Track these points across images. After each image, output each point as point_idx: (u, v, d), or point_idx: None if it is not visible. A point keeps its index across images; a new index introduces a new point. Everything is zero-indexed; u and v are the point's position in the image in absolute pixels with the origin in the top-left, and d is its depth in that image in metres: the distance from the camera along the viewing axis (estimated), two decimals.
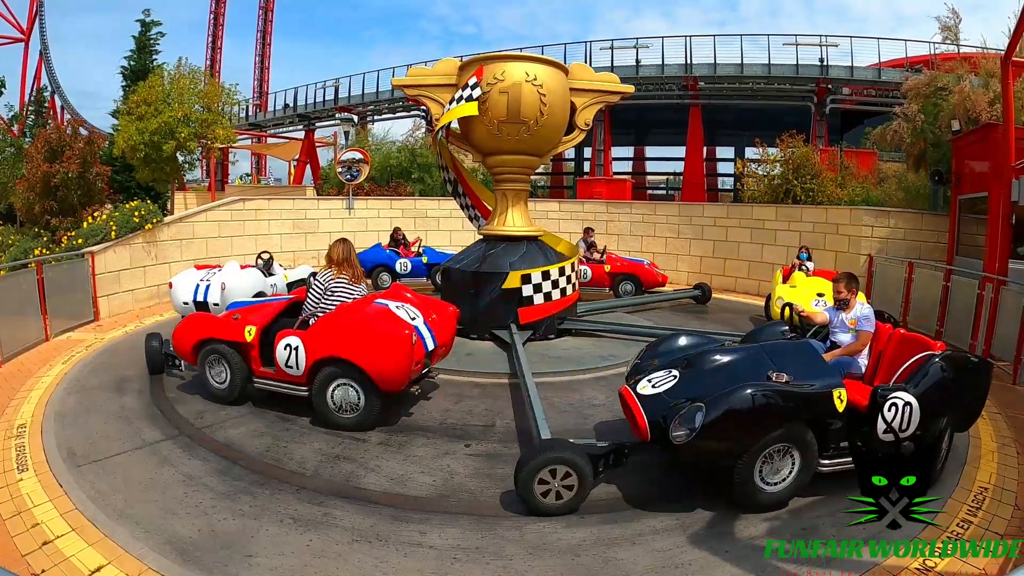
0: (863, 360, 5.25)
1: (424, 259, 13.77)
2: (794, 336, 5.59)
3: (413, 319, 6.09)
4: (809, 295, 9.25)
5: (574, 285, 9.46)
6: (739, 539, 4.05)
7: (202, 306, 9.19)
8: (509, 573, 3.67)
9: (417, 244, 14.20)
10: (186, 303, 9.28)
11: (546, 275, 8.90)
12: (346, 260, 6.10)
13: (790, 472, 4.34)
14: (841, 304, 5.40)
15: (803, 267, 11.00)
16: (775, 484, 4.35)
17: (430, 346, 6.11)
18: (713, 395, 4.21)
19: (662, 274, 13.57)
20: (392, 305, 6.16)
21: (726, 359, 4.76)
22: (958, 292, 9.23)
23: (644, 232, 16.55)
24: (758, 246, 14.68)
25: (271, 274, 10.78)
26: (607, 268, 13.08)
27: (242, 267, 10.19)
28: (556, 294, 9.02)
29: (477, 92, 8.47)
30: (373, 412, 5.73)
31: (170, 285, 9.65)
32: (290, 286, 10.95)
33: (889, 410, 4.10)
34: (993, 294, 8.26)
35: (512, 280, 8.69)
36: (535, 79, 8.53)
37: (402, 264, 13.57)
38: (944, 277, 9.61)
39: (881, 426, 4.09)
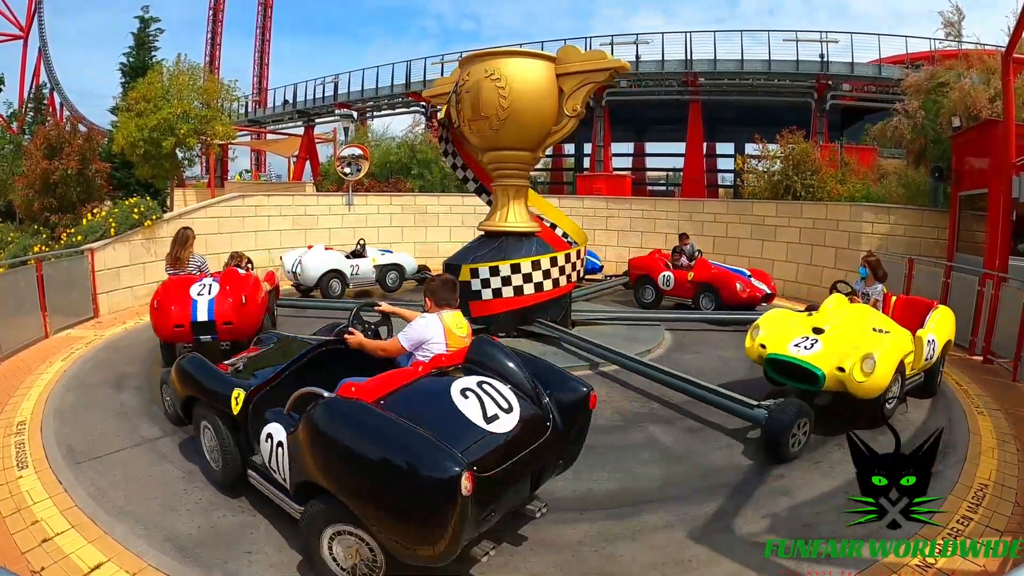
0: None
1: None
2: None
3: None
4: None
5: (557, 281, 8.93)
6: (739, 535, 4.05)
7: (295, 276, 12.30)
8: (509, 569, 3.67)
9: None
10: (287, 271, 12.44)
11: (512, 269, 8.67)
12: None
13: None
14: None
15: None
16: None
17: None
18: None
19: (758, 288, 11.22)
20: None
21: None
22: (958, 289, 9.21)
23: (644, 228, 16.53)
24: (758, 242, 14.66)
25: (360, 256, 12.94)
26: (690, 276, 11.51)
27: (326, 248, 12.77)
28: (529, 289, 8.74)
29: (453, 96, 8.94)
30: None
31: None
32: (378, 268, 13.01)
33: None
34: (993, 291, 8.25)
35: (463, 273, 8.66)
36: (493, 74, 8.44)
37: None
38: (944, 274, 9.60)
39: None
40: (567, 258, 9.06)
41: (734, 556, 3.78)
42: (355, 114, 28.45)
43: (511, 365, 3.90)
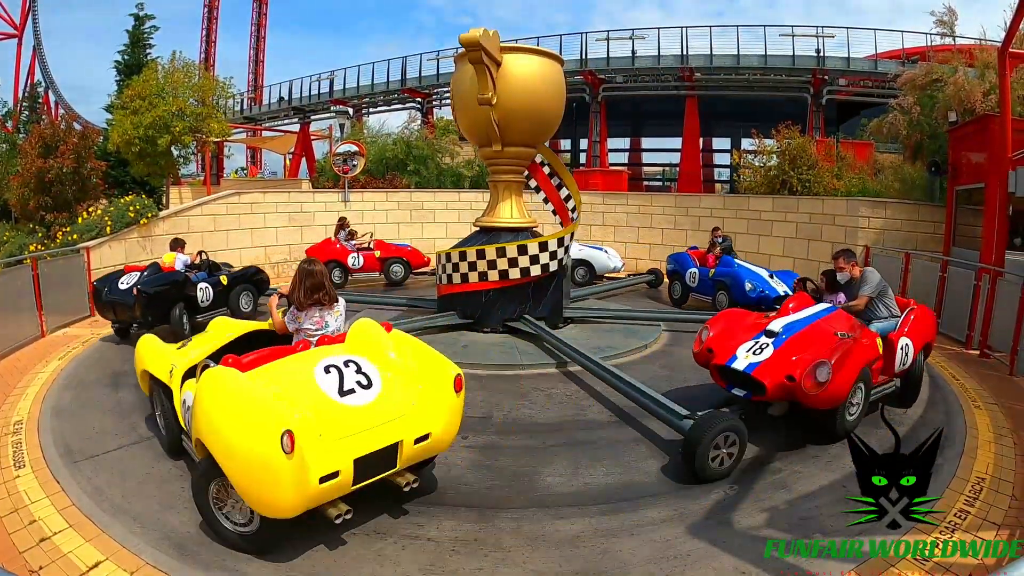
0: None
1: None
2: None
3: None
4: None
5: (527, 270, 8.80)
6: (738, 529, 4.06)
7: None
8: (508, 565, 3.67)
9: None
10: None
11: (476, 254, 8.78)
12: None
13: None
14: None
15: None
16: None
17: None
18: None
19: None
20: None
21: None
22: (955, 283, 9.23)
23: (640, 223, 16.53)
24: (755, 237, 14.66)
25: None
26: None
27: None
28: (493, 276, 8.80)
29: None
30: None
31: None
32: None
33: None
34: (990, 285, 8.26)
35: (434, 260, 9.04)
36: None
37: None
38: (941, 268, 9.61)
39: None
40: (542, 247, 8.85)
41: (733, 550, 3.79)
42: (351, 110, 28.52)
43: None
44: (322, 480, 3.47)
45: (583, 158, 26.53)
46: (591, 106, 24.16)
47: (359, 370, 4.02)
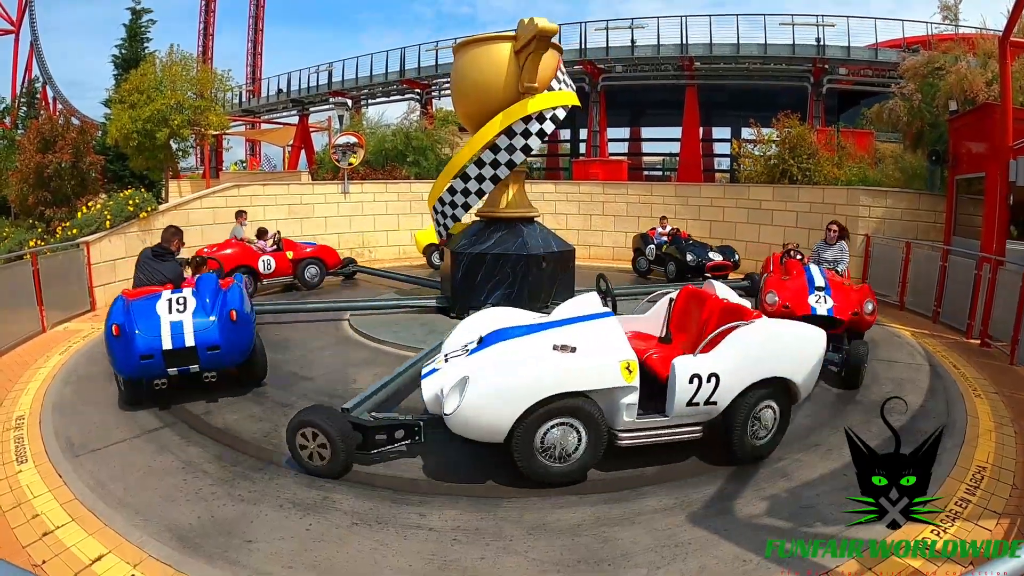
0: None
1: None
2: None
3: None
4: None
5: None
6: (739, 518, 4.07)
7: None
8: (509, 554, 3.69)
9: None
10: None
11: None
12: None
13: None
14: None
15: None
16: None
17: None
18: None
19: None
20: None
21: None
22: (955, 272, 9.22)
23: (641, 213, 16.51)
24: (755, 226, 14.66)
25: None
26: (289, 255, 12.00)
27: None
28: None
29: (571, 83, 9.06)
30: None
31: None
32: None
33: None
34: (991, 274, 8.25)
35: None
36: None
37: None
38: (941, 257, 9.60)
39: None
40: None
41: (733, 538, 3.80)
42: (350, 102, 28.34)
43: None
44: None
45: (583, 148, 26.43)
46: (591, 96, 24.03)
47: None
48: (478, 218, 9.55)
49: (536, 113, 8.50)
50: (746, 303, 5.48)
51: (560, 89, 8.79)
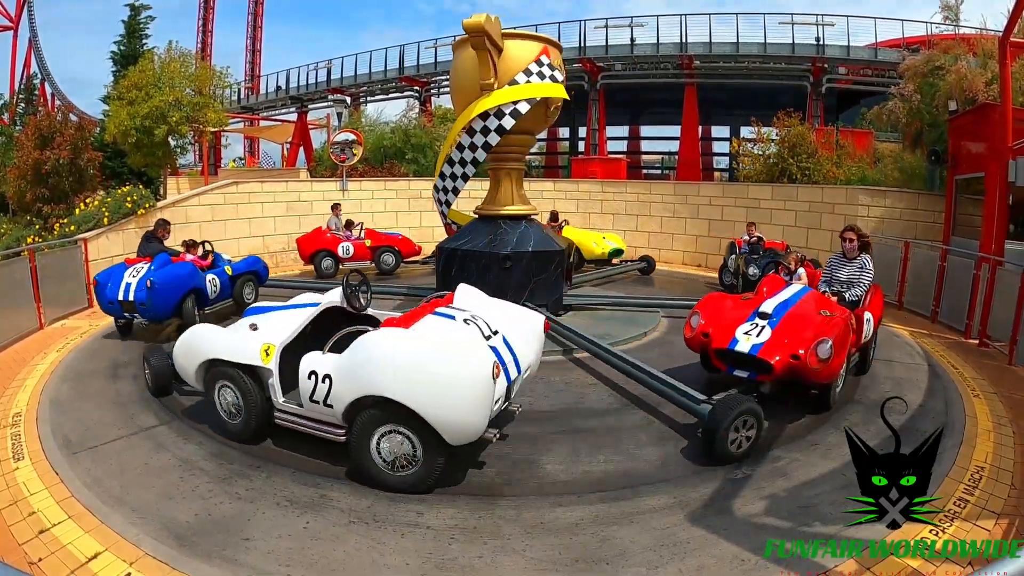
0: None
1: (228, 270, 9.62)
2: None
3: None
4: None
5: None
6: (737, 517, 4.07)
7: None
8: (507, 552, 3.68)
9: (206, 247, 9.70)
10: None
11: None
12: None
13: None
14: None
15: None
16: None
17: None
18: None
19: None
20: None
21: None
22: (954, 272, 9.22)
23: (639, 211, 16.51)
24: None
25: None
26: (367, 243, 13.53)
27: None
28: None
29: (560, 76, 8.69)
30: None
31: None
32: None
33: None
34: (989, 274, 8.25)
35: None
36: (561, 68, 9.00)
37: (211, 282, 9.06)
38: (940, 257, 9.59)
39: None
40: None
41: (732, 538, 3.79)
42: (348, 99, 28.30)
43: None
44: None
45: (582, 146, 26.41)
46: (590, 94, 24.01)
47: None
48: (476, 215, 9.56)
49: (494, 109, 8.38)
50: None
51: (531, 82, 8.44)
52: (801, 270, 7.23)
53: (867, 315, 6.41)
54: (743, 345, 5.61)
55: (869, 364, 7.00)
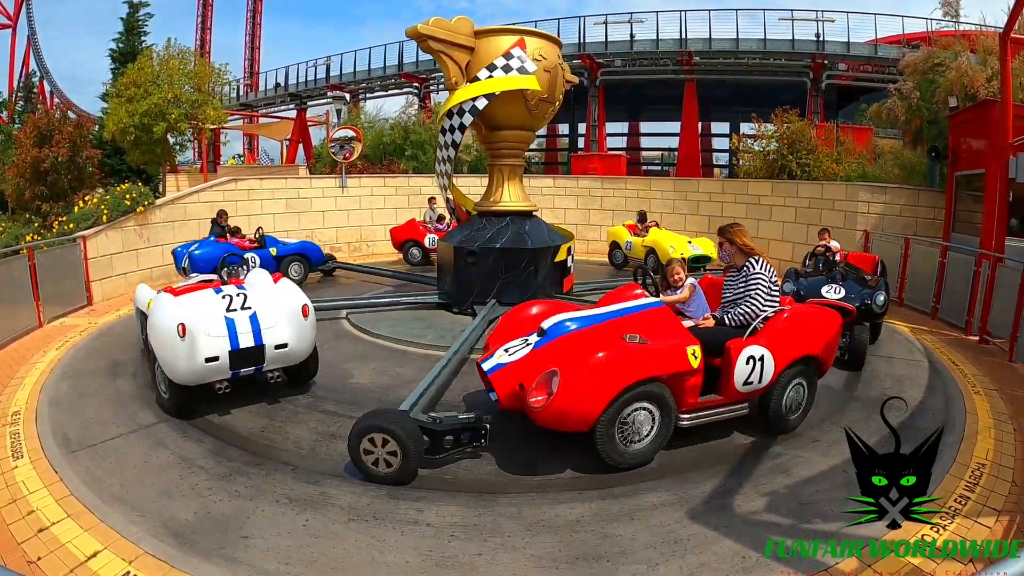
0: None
1: (273, 251, 11.72)
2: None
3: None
4: None
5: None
6: (738, 514, 4.06)
7: None
8: (507, 550, 3.67)
9: (258, 232, 12.13)
10: None
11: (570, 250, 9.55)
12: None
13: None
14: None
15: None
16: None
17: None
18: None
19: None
20: None
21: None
22: (954, 269, 9.20)
23: (639, 208, 16.45)
24: (754, 221, 14.59)
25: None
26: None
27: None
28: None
29: (531, 67, 8.39)
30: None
31: None
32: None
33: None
34: (990, 271, 8.23)
35: (561, 253, 9.20)
36: (560, 61, 9.14)
37: (251, 259, 10.09)
38: (940, 254, 9.58)
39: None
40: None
41: (733, 535, 3.79)
42: (348, 96, 28.29)
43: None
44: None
45: (581, 143, 26.38)
46: (589, 90, 23.97)
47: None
48: (475, 212, 9.55)
49: (456, 107, 8.43)
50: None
51: (493, 77, 8.32)
52: (691, 281, 5.48)
53: (754, 351, 4.73)
54: (488, 363, 4.94)
55: (786, 424, 5.21)
